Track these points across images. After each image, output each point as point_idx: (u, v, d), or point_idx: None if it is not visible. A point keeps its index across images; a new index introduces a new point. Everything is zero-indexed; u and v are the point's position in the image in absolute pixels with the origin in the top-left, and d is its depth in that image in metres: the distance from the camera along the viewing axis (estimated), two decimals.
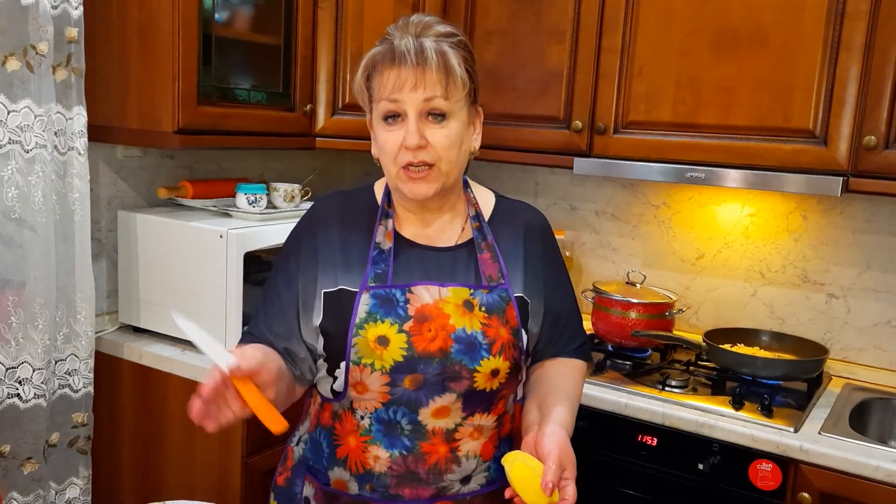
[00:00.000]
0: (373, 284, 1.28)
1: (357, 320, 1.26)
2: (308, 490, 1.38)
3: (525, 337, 1.32)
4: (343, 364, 1.26)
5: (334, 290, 1.30)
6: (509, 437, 1.38)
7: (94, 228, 2.18)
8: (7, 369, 1.90)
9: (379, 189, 1.41)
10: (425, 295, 1.28)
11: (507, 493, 1.20)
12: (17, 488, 1.95)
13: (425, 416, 1.26)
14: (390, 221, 1.35)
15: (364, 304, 1.26)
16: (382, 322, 1.25)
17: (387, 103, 1.24)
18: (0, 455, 1.89)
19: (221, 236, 2.03)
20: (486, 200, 1.42)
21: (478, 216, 1.38)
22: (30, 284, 1.91)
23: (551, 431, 1.22)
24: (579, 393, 1.41)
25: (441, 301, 1.28)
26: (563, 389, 1.36)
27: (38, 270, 1.91)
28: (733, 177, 2.01)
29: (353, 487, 1.31)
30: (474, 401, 1.28)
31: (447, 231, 1.36)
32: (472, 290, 1.29)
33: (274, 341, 1.32)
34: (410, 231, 1.36)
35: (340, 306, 1.28)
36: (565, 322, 1.43)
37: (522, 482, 1.18)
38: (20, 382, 1.92)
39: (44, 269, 1.92)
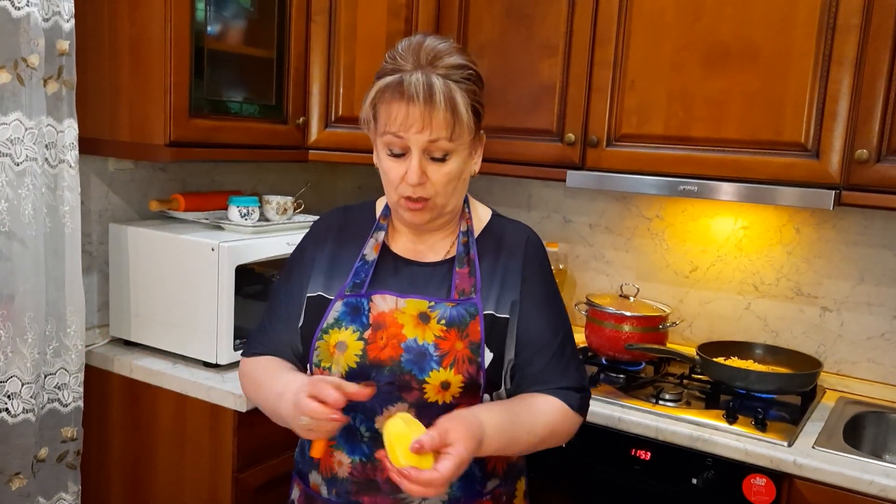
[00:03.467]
0: (348, 293, 1.34)
1: (324, 325, 1.32)
2: (295, 492, 1.44)
3: (489, 355, 1.29)
4: (308, 365, 1.34)
5: (314, 296, 1.37)
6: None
7: (85, 241, 2.17)
8: None
9: (380, 205, 1.45)
10: (382, 304, 1.32)
11: (379, 454, 1.18)
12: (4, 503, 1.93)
13: (381, 424, 1.27)
14: (381, 234, 1.40)
15: (335, 310, 1.33)
16: (346, 329, 1.30)
17: (392, 138, 1.26)
18: None
19: (213, 249, 2.02)
20: (481, 218, 1.43)
21: (468, 232, 1.39)
22: (19, 298, 1.90)
23: (457, 413, 1.21)
24: (536, 425, 1.29)
25: (397, 311, 1.31)
26: (513, 405, 1.31)
27: (27, 284, 1.90)
28: (726, 190, 2.01)
29: (324, 491, 1.35)
30: (428, 413, 1.26)
31: (437, 247, 1.39)
32: (432, 303, 1.31)
33: (281, 349, 1.41)
34: (401, 245, 1.39)
35: (316, 311, 1.35)
36: (541, 353, 1.34)
37: (393, 438, 1.15)
38: (9, 397, 1.90)
39: (33, 282, 1.91)
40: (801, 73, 1.93)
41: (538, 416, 1.30)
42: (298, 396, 1.18)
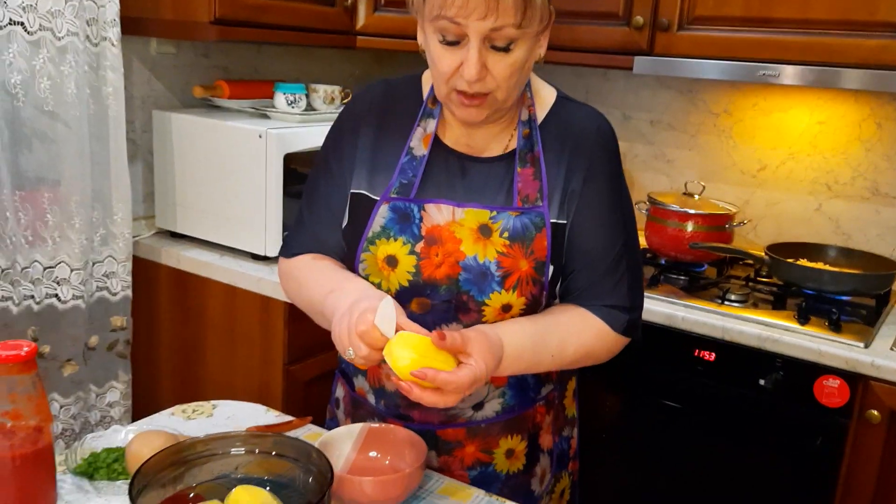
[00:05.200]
0: (395, 196, 1.15)
1: (370, 234, 1.15)
2: (340, 391, 1.34)
3: (551, 271, 1.15)
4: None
5: (358, 194, 1.19)
6: None
7: (129, 129, 2.09)
8: (45, 268, 1.84)
9: (427, 82, 1.22)
10: (437, 215, 1.14)
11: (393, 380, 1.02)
12: (58, 390, 1.92)
13: None
14: (431, 123, 1.18)
15: (381, 216, 1.15)
16: (395, 240, 1.14)
17: (447, 23, 1.03)
18: (40, 356, 1.86)
19: (261, 136, 1.94)
20: (544, 101, 1.20)
21: (530, 121, 1.17)
22: (65, 183, 1.84)
23: (480, 327, 1.07)
24: (565, 350, 1.14)
25: (454, 223, 1.13)
26: (542, 326, 1.13)
27: (72, 169, 1.84)
28: (809, 76, 1.85)
29: (371, 399, 1.26)
30: None
31: (494, 141, 1.18)
32: (493, 213, 1.13)
33: (324, 249, 1.24)
34: (452, 136, 1.18)
35: (359, 213, 1.17)
36: (592, 266, 1.16)
37: (394, 344, 1.01)
38: (58, 283, 1.87)
39: (79, 167, 1.85)
40: None
41: (568, 340, 1.15)
42: (351, 334, 1.02)
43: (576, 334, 1.15)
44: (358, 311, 1.03)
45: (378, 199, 1.16)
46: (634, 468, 2.00)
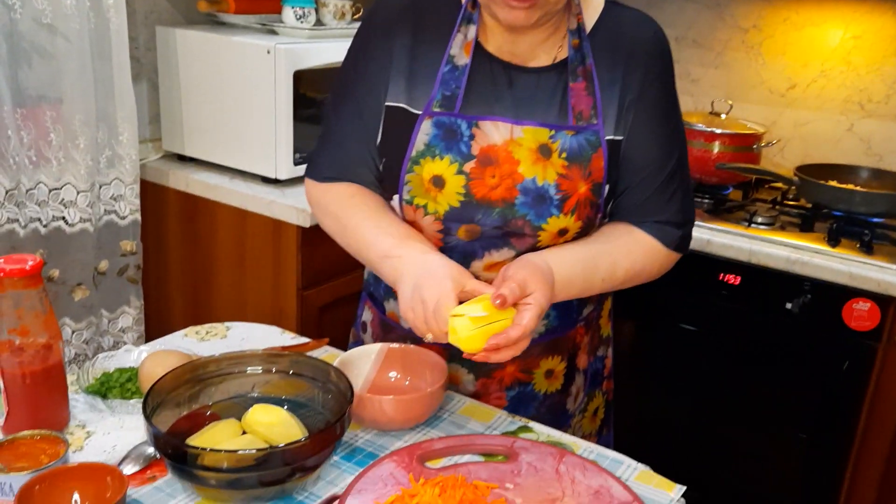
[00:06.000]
0: (437, 110, 1.06)
1: (414, 152, 1.06)
2: (367, 315, 1.28)
3: (606, 191, 1.08)
4: (396, 198, 1.10)
5: (395, 107, 1.09)
6: None
7: (132, 46, 2.01)
8: (50, 190, 1.79)
9: None
10: (494, 133, 1.05)
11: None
12: (69, 314, 1.89)
13: (477, 268, 1.11)
14: (472, 29, 1.07)
15: (424, 132, 1.06)
16: (441, 158, 1.05)
17: None
18: (49, 279, 1.83)
19: (269, 52, 1.85)
20: (592, 7, 1.09)
21: (579, 30, 1.07)
22: (67, 101, 1.78)
23: (525, 259, 1.01)
24: (615, 271, 1.09)
25: (512, 142, 1.05)
26: (592, 250, 1.08)
27: (74, 86, 1.77)
28: None
29: (405, 323, 1.18)
30: None
31: (540, 49, 1.07)
32: (552, 132, 1.05)
33: (358, 171, 1.14)
34: (495, 44, 1.07)
35: (399, 130, 1.08)
36: (647, 181, 1.10)
37: (461, 332, 0.95)
38: (65, 205, 1.82)
39: (81, 85, 1.78)
40: None
41: (619, 262, 1.09)
42: (430, 325, 0.97)
43: (626, 255, 1.10)
44: (432, 301, 0.97)
45: (419, 113, 1.06)
46: (655, 393, 1.97)
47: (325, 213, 1.17)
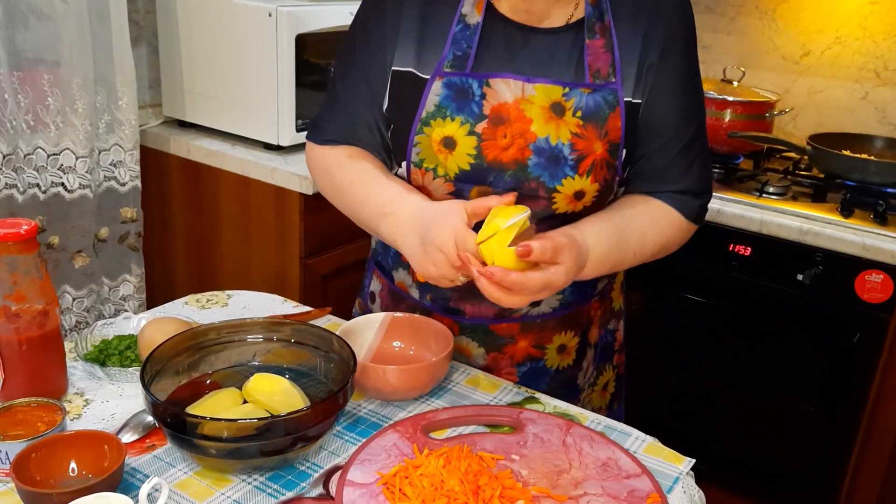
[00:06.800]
0: (448, 70, 1.02)
1: (424, 114, 1.03)
2: (375, 285, 1.25)
3: (624, 154, 1.05)
4: (404, 164, 1.07)
5: (404, 72, 1.05)
6: None
7: (131, 9, 1.97)
8: (49, 156, 1.77)
9: None
10: (505, 91, 1.02)
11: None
12: (69, 282, 1.87)
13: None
14: None
15: (435, 93, 1.03)
16: (452, 120, 1.02)
17: None
18: (49, 246, 1.81)
19: (270, 15, 1.81)
20: None
21: None
22: (65, 64, 1.74)
23: (570, 232, 0.98)
24: (645, 246, 1.07)
25: (523, 100, 1.01)
26: (623, 224, 1.05)
27: (72, 49, 1.74)
28: None
29: (415, 293, 1.17)
30: (549, 223, 1.05)
31: (556, 7, 1.04)
32: (566, 90, 1.01)
33: (361, 134, 1.11)
34: (508, 5, 1.04)
35: (408, 93, 1.05)
36: (667, 146, 1.07)
37: (494, 232, 0.90)
38: (63, 171, 1.79)
39: (79, 48, 1.74)
40: None
41: (648, 234, 1.07)
42: (463, 243, 0.91)
43: (653, 227, 1.07)
44: (449, 243, 0.92)
45: (428, 77, 1.03)
46: (665, 365, 1.95)
47: (322, 175, 1.15)
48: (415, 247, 0.97)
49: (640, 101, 1.04)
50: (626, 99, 1.03)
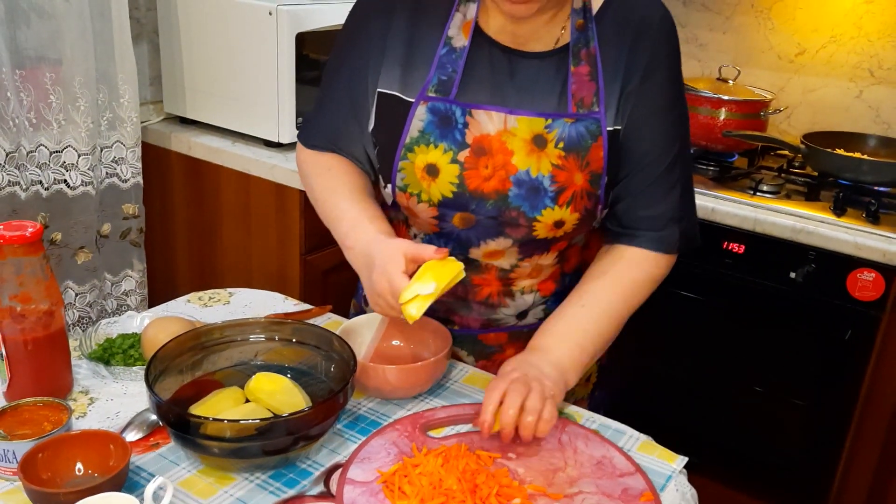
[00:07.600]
0: (432, 94, 1.03)
1: (407, 140, 1.04)
2: None
3: (605, 180, 1.05)
4: (390, 186, 1.08)
5: (389, 94, 1.06)
6: (577, 271, 1.17)
7: (132, 7, 1.98)
8: (51, 153, 1.78)
9: None
10: (487, 123, 1.02)
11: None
12: (72, 278, 1.89)
13: (476, 255, 1.10)
14: (472, 8, 1.04)
15: (419, 118, 1.03)
16: (435, 147, 1.03)
17: None
18: (52, 243, 1.82)
19: (271, 13, 1.82)
20: None
21: (584, 10, 1.03)
22: (66, 62, 1.76)
23: (532, 361, 1.01)
24: (623, 318, 1.09)
25: (506, 132, 1.02)
26: (590, 316, 1.06)
27: (74, 47, 1.75)
28: None
29: None
30: (533, 247, 1.08)
31: (543, 31, 1.04)
32: (548, 121, 1.02)
33: (345, 143, 1.13)
34: (496, 26, 1.04)
35: (393, 116, 1.06)
36: (647, 169, 1.06)
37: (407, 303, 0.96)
38: (66, 168, 1.81)
39: (81, 46, 1.76)
40: None
41: (623, 314, 1.09)
42: (394, 292, 0.97)
43: (627, 301, 1.08)
44: (386, 290, 0.98)
45: (413, 101, 1.04)
46: (657, 361, 1.98)
47: (304, 179, 1.20)
48: (366, 282, 1.04)
49: (619, 127, 1.04)
50: (608, 128, 1.03)
